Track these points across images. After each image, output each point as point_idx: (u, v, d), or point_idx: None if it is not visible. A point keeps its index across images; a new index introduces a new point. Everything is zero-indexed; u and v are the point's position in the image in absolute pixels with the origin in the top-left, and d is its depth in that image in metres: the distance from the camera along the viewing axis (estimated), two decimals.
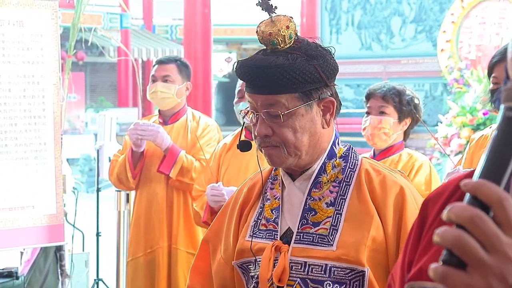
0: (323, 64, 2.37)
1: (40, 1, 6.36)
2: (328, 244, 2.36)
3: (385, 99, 4.34)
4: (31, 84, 6.18)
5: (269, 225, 2.49)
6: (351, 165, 2.47)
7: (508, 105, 1.12)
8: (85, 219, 8.03)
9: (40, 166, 6.18)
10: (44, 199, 6.18)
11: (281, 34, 2.35)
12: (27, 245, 6.55)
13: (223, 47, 29.36)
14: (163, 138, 5.28)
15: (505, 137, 1.10)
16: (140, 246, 5.55)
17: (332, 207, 2.41)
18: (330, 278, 2.34)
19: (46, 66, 6.25)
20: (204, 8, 13.57)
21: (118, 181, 5.59)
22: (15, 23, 6.14)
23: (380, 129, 4.33)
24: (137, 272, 5.56)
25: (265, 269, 2.41)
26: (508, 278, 1.04)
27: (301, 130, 2.38)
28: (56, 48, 6.30)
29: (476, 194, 1.06)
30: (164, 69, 5.45)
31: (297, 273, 2.39)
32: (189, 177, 5.27)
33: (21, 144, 6.12)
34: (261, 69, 2.33)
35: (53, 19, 6.29)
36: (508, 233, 1.05)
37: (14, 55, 6.11)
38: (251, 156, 4.71)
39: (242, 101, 4.68)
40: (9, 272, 6.34)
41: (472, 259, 1.04)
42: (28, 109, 6.15)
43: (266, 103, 2.36)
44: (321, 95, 2.40)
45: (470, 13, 9.99)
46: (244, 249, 2.50)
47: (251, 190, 2.61)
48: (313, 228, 2.40)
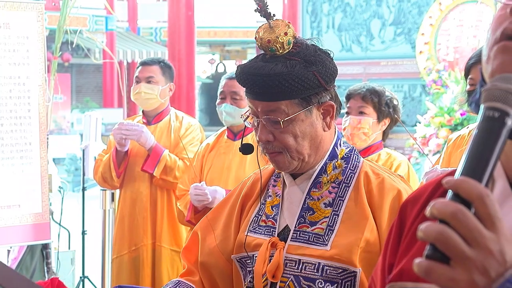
0: (322, 69, 2.35)
1: (26, 4, 6.34)
2: (323, 244, 2.36)
3: (365, 100, 4.35)
4: (17, 85, 6.16)
5: (268, 221, 2.48)
6: (352, 167, 2.46)
7: (488, 105, 1.13)
8: (71, 218, 8.01)
9: (26, 166, 6.16)
10: (30, 198, 6.16)
11: (279, 41, 2.34)
12: (14, 243, 6.53)
13: (206, 49, 29.35)
14: (147, 137, 5.28)
15: (485, 135, 1.11)
16: (124, 244, 5.54)
17: (330, 208, 2.41)
18: (323, 277, 2.34)
19: (32, 68, 6.23)
20: (188, 11, 13.56)
21: (103, 180, 5.59)
22: (1, 25, 6.12)
23: (360, 129, 4.34)
24: (122, 269, 5.55)
25: (260, 265, 2.41)
26: (490, 272, 1.04)
27: (301, 135, 2.37)
28: (42, 49, 6.28)
29: (457, 191, 1.07)
30: (148, 71, 5.44)
31: (290, 270, 2.39)
32: (172, 176, 5.27)
33: (7, 144, 6.10)
34: (260, 77, 2.32)
35: (39, 21, 6.27)
36: (489, 228, 1.06)
37: (0, 57, 6.09)
38: (234, 156, 4.72)
39: (224, 102, 4.67)
40: None
41: (455, 253, 1.04)
42: (14, 110, 6.13)
43: (266, 109, 2.36)
44: (321, 100, 2.39)
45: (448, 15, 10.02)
46: (243, 243, 2.50)
47: (255, 185, 2.60)
48: (310, 227, 2.40)
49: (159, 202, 5.45)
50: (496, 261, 1.05)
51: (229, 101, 4.65)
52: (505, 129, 1.12)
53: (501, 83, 1.14)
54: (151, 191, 5.45)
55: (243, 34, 26.94)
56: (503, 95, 1.13)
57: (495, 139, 1.11)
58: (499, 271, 1.05)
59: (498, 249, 1.05)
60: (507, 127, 1.12)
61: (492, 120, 1.12)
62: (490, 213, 1.06)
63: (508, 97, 1.13)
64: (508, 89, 1.13)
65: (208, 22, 24.95)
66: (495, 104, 1.13)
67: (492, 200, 1.07)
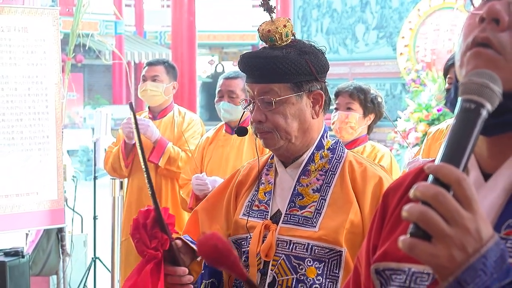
0: (314, 59, 2.39)
1: (42, 10, 6.33)
2: (312, 226, 2.36)
3: (352, 97, 4.35)
4: (35, 83, 6.15)
5: (261, 206, 2.49)
6: (337, 156, 2.47)
7: (465, 97, 1.14)
8: (84, 204, 8.00)
9: (43, 157, 6.15)
10: (46, 186, 6.16)
11: (278, 31, 2.38)
12: (32, 227, 6.53)
13: (206, 51, 29.31)
14: (153, 131, 5.28)
15: (463, 125, 1.12)
16: None
17: (317, 193, 2.41)
18: (311, 256, 2.35)
19: (48, 68, 6.22)
20: (190, 16, 13.54)
21: (113, 169, 5.59)
22: (21, 29, 6.11)
23: (347, 123, 4.34)
24: (130, 250, 5.55)
25: (254, 245, 2.42)
26: (467, 248, 1.05)
27: (291, 117, 2.39)
28: (57, 51, 6.27)
29: (438, 175, 1.08)
30: (153, 70, 5.44)
31: (282, 250, 2.39)
32: (176, 166, 5.27)
33: (26, 137, 6.09)
34: (257, 59, 2.37)
35: (54, 25, 6.26)
36: (466, 208, 1.06)
37: (19, 58, 6.08)
38: (231, 148, 4.72)
39: (222, 100, 4.68)
40: (16, 251, 6.31)
41: (436, 231, 1.05)
42: (32, 106, 6.12)
43: (262, 91, 2.38)
44: (311, 88, 2.41)
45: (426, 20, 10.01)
46: (239, 226, 2.51)
47: (250, 173, 2.61)
48: (299, 210, 2.41)
49: (163, 190, 5.45)
50: (473, 239, 1.06)
51: (226, 99, 4.66)
52: (480, 119, 1.13)
53: (476, 77, 1.15)
54: (156, 180, 5.44)
55: (239, 38, 26.95)
56: (478, 89, 1.14)
57: (471, 128, 1.12)
58: (476, 247, 1.06)
59: (475, 228, 1.06)
60: (482, 117, 1.13)
61: (469, 111, 1.13)
62: (467, 195, 1.07)
63: (483, 90, 1.14)
64: (483, 83, 1.14)
65: (208, 27, 24.92)
66: (471, 96, 1.14)
67: (468, 183, 1.07)
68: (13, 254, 6.25)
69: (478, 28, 1.23)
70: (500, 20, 1.22)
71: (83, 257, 7.41)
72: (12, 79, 6.03)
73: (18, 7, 6.18)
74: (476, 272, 1.05)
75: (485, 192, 1.26)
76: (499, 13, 1.22)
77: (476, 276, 1.05)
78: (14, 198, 5.99)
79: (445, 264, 1.06)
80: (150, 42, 26.25)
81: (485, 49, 1.22)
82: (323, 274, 2.35)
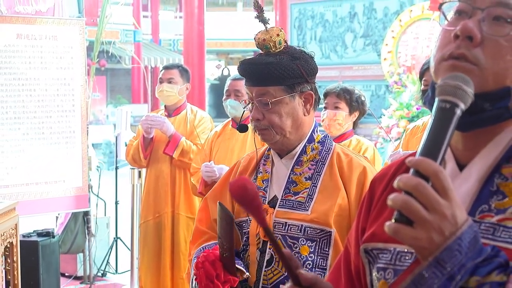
0: (304, 64, 2.40)
1: (70, 20, 6.32)
2: (304, 209, 2.38)
3: (339, 97, 4.35)
4: (63, 85, 6.15)
5: (260, 192, 2.49)
6: (326, 148, 2.48)
7: (441, 98, 1.15)
8: (107, 191, 8.00)
9: (70, 150, 6.16)
10: (73, 175, 6.17)
11: (272, 40, 2.39)
12: (60, 211, 6.54)
13: (214, 56, 29.31)
14: (168, 127, 5.27)
15: (439, 123, 1.13)
16: (150, 212, 5.54)
17: (309, 181, 2.42)
18: (305, 236, 2.36)
19: (75, 71, 6.22)
20: (199, 26, 13.52)
21: (133, 160, 5.59)
22: (51, 37, 6.10)
23: (335, 120, 4.34)
24: (148, 232, 5.55)
25: (254, 226, 2.43)
26: (445, 231, 1.06)
27: (285, 115, 2.40)
28: (83, 57, 6.27)
29: (418, 168, 1.09)
30: (169, 73, 5.43)
31: (279, 231, 2.40)
32: (188, 158, 5.27)
33: (55, 132, 6.09)
34: (254, 66, 2.38)
35: (80, 34, 6.25)
36: (443, 197, 1.07)
37: (50, 63, 6.08)
38: (236, 141, 4.72)
39: (228, 98, 4.67)
40: (47, 232, 6.33)
41: (417, 217, 1.06)
42: (60, 105, 6.12)
43: (259, 93, 2.39)
44: (302, 89, 2.42)
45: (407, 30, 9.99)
46: (240, 210, 2.51)
47: (249, 163, 2.62)
48: (293, 196, 2.42)
49: (177, 179, 5.44)
50: (450, 223, 1.07)
51: (233, 97, 4.66)
52: (455, 117, 1.14)
53: (450, 80, 1.16)
54: (171, 170, 5.44)
55: (243, 45, 26.92)
56: (453, 90, 1.15)
57: (447, 126, 1.13)
58: (452, 231, 1.07)
59: (451, 214, 1.07)
60: (456, 115, 1.14)
61: (445, 110, 1.14)
62: (444, 186, 1.08)
63: (457, 92, 1.15)
64: (457, 85, 1.15)
65: (215, 35, 24.90)
66: (446, 97, 1.15)
67: (445, 175, 1.08)
68: (45, 235, 6.26)
69: (454, 44, 1.24)
70: (473, 37, 1.22)
71: (106, 237, 7.42)
72: (43, 81, 6.03)
73: (49, 18, 6.18)
74: (453, 252, 1.06)
75: (460, 181, 1.27)
76: (472, 31, 1.22)
77: (453, 255, 1.06)
78: (44, 185, 6.00)
79: (425, 246, 1.07)
80: (164, 49, 26.23)
81: (460, 62, 1.22)
82: (315, 252, 2.36)
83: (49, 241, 6.24)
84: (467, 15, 1.25)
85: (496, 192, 1.22)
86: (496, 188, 1.22)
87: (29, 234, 6.29)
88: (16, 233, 4.64)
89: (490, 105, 1.22)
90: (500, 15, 1.23)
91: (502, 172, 1.24)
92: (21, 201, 5.42)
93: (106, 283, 7.14)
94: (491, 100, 1.22)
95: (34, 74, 6.00)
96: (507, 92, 1.22)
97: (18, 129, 5.91)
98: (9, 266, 4.60)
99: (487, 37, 1.22)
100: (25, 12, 5.98)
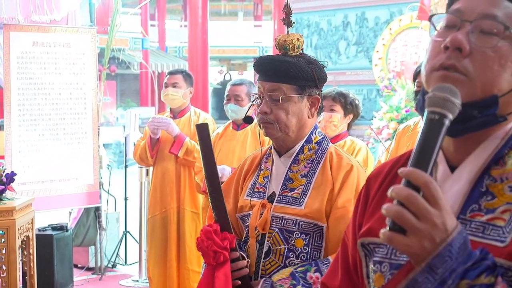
0: (317, 70, 2.42)
1: (82, 29, 6.32)
2: (299, 205, 2.38)
3: (334, 100, 4.35)
4: (76, 89, 6.15)
5: (260, 188, 2.50)
6: (322, 149, 2.48)
7: (430, 109, 1.15)
8: (117, 188, 8.01)
9: (82, 149, 6.16)
10: (85, 173, 6.17)
11: (292, 42, 2.41)
12: (73, 206, 6.55)
13: (216, 62, 29.30)
14: (173, 128, 5.27)
15: (429, 134, 1.13)
16: (157, 207, 5.53)
17: (305, 178, 2.42)
18: (299, 230, 2.36)
19: (87, 76, 6.22)
20: (203, 34, 13.53)
21: (140, 159, 5.58)
22: (64, 45, 6.10)
23: (331, 122, 4.34)
24: (155, 226, 5.54)
25: (253, 220, 2.44)
26: (436, 238, 1.07)
27: (292, 113, 2.40)
28: (95, 63, 6.27)
29: (409, 179, 1.09)
30: (174, 78, 5.42)
31: (276, 224, 2.40)
32: (192, 156, 5.26)
33: (68, 133, 6.09)
34: (273, 62, 2.39)
35: (92, 41, 6.25)
36: (434, 206, 1.07)
37: (63, 68, 6.08)
38: (237, 142, 4.72)
39: (229, 102, 4.69)
40: (61, 226, 6.33)
41: (409, 226, 1.07)
42: (73, 108, 6.12)
43: (271, 88, 2.39)
44: (311, 92, 2.43)
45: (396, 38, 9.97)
46: (243, 205, 2.53)
47: (253, 161, 2.62)
48: (290, 192, 2.41)
49: (182, 176, 5.44)
50: (440, 231, 1.07)
51: (233, 101, 4.66)
52: (444, 128, 1.13)
53: (439, 92, 1.16)
54: (176, 168, 5.43)
55: (244, 52, 26.95)
56: (441, 102, 1.14)
57: (437, 136, 1.13)
58: (442, 238, 1.07)
59: (441, 222, 1.07)
60: (445, 126, 1.13)
61: (434, 121, 1.14)
62: (434, 195, 1.08)
63: (445, 103, 1.14)
64: (445, 97, 1.15)
65: (218, 43, 24.92)
66: (435, 109, 1.14)
67: (435, 185, 1.08)
68: (59, 229, 6.27)
69: (444, 54, 1.23)
70: (462, 49, 1.22)
71: (116, 231, 7.42)
72: (57, 86, 6.03)
73: (63, 27, 6.17)
74: (444, 258, 1.07)
75: (451, 182, 1.27)
76: (462, 43, 1.22)
77: (444, 261, 1.06)
78: (58, 183, 6.00)
79: (417, 253, 1.07)
80: (170, 55, 26.23)
81: (451, 73, 1.22)
82: (309, 244, 2.36)
83: (63, 235, 6.24)
84: (456, 27, 1.25)
85: (486, 193, 1.22)
86: (485, 189, 1.22)
87: (44, 228, 6.29)
88: (32, 227, 4.64)
89: (478, 112, 1.22)
90: (488, 27, 1.22)
91: (491, 173, 1.24)
92: (37, 198, 5.42)
93: (116, 273, 7.13)
94: (480, 108, 1.22)
95: (49, 79, 5.99)
96: (494, 100, 1.22)
97: (34, 130, 5.90)
98: (26, 258, 4.60)
99: (475, 48, 1.22)
100: (40, 21, 5.98)
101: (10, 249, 4.23)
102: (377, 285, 1.30)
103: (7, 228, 4.24)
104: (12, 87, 5.79)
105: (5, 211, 4.26)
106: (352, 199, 2.34)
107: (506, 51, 1.21)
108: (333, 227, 2.33)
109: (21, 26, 5.85)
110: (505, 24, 1.22)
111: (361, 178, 2.39)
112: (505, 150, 1.25)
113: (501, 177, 1.22)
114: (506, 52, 1.21)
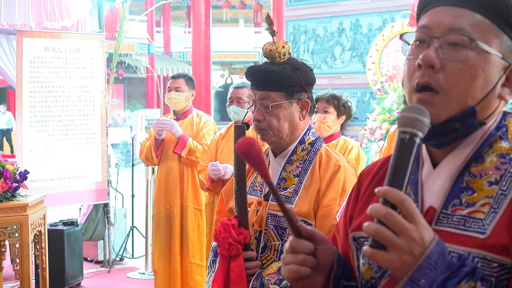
0: (304, 75, 2.40)
1: (92, 35, 6.34)
2: (290, 203, 2.37)
3: (328, 102, 4.36)
4: (85, 92, 6.16)
5: (258, 187, 2.51)
6: (314, 149, 2.47)
7: (401, 129, 1.16)
8: (124, 185, 8.01)
9: (91, 149, 6.17)
10: (94, 172, 6.18)
11: (278, 51, 2.39)
12: (83, 203, 6.56)
13: (218, 67, 29.29)
14: (177, 129, 5.27)
15: (401, 154, 1.14)
16: (161, 204, 5.53)
17: (297, 178, 2.42)
18: None
19: (96, 80, 6.23)
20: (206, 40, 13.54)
21: (146, 159, 5.58)
22: (74, 50, 6.11)
23: (325, 123, 4.34)
24: (160, 221, 5.55)
25: (251, 217, 2.44)
26: (414, 252, 1.08)
27: (283, 118, 2.40)
28: (103, 67, 6.28)
29: (385, 197, 1.10)
30: (176, 82, 5.42)
31: (271, 222, 2.40)
32: (194, 156, 5.27)
33: (77, 134, 6.10)
34: (260, 72, 2.38)
35: (101, 47, 6.26)
36: (411, 221, 1.08)
37: (73, 72, 6.09)
38: None
39: (232, 104, 4.67)
40: (71, 221, 6.34)
41: (388, 242, 1.08)
42: (82, 110, 6.13)
43: (262, 96, 2.39)
44: (300, 97, 2.42)
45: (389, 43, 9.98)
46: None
47: None
48: (283, 191, 2.41)
49: (185, 174, 5.44)
50: (418, 244, 1.08)
51: (235, 103, 4.65)
52: (415, 145, 1.14)
53: (408, 113, 1.17)
54: (179, 167, 5.44)
55: (244, 56, 26.94)
56: (410, 122, 1.15)
57: (409, 155, 1.13)
58: (421, 251, 1.08)
59: (419, 236, 1.08)
60: (416, 144, 1.14)
61: (404, 141, 1.15)
62: (410, 211, 1.09)
63: (415, 123, 1.15)
64: (414, 117, 1.15)
65: (220, 48, 24.91)
66: (405, 129, 1.15)
67: (409, 202, 1.09)
68: (69, 224, 6.28)
69: (419, 73, 1.24)
70: (434, 66, 1.22)
71: (124, 226, 7.42)
72: (67, 89, 6.04)
73: (73, 33, 6.19)
74: (424, 270, 1.07)
75: (433, 178, 1.28)
76: (433, 60, 1.22)
77: (424, 273, 1.07)
78: (68, 180, 6.01)
79: (398, 267, 1.08)
80: (175, 60, 26.23)
81: (426, 94, 1.23)
82: None
83: (73, 230, 6.25)
84: (426, 43, 1.26)
85: (466, 188, 1.23)
86: (466, 185, 1.23)
87: (56, 223, 6.30)
88: (44, 223, 4.65)
89: (460, 125, 1.23)
90: (455, 40, 1.22)
91: (471, 170, 1.25)
92: (49, 194, 5.43)
93: (123, 266, 7.14)
94: (460, 120, 1.22)
95: (59, 82, 6.01)
96: (472, 111, 1.22)
97: (45, 131, 5.92)
98: (38, 251, 4.62)
99: (445, 63, 1.22)
100: (52, 27, 5.99)
101: (24, 243, 4.25)
102: (366, 277, 1.31)
103: (21, 223, 4.26)
104: (24, 90, 5.80)
105: (18, 207, 4.27)
106: (337, 198, 2.34)
107: (475, 61, 1.21)
108: (320, 224, 2.32)
109: (33, 32, 5.86)
110: (470, 36, 1.22)
111: (348, 178, 2.39)
112: (483, 148, 1.26)
113: (480, 173, 1.23)
114: (475, 62, 1.21)
